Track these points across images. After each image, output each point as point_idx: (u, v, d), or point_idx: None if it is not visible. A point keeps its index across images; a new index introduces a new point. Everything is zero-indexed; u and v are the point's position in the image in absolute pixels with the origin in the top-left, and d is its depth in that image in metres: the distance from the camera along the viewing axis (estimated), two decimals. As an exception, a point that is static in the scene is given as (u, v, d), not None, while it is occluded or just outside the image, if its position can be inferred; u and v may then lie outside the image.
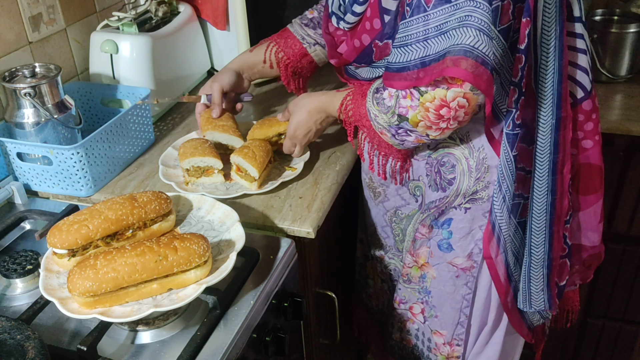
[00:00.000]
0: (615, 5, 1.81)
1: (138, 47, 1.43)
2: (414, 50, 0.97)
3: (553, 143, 1.07)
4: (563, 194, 1.12)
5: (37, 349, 0.79)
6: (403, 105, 1.00)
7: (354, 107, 1.11)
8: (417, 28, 0.95)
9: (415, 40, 0.96)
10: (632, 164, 1.59)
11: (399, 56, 0.99)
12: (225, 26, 1.60)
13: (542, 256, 1.15)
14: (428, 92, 0.97)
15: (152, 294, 0.90)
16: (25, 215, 1.16)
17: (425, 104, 0.98)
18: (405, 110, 1.00)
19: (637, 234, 1.69)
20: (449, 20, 0.92)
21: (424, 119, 1.00)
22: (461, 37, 0.92)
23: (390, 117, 1.03)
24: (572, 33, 1.07)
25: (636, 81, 1.71)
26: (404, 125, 1.02)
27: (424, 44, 0.95)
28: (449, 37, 0.93)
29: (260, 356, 0.99)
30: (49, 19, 1.40)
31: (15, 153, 1.22)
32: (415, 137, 1.04)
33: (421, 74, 0.96)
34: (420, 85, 0.97)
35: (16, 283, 1.03)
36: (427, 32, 0.94)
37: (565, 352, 2.00)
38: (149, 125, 1.39)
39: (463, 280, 1.22)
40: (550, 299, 1.20)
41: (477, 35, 0.91)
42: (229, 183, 1.25)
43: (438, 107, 0.97)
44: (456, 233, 1.19)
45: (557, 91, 1.04)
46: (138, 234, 1.00)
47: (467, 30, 0.91)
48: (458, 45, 0.92)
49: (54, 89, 1.23)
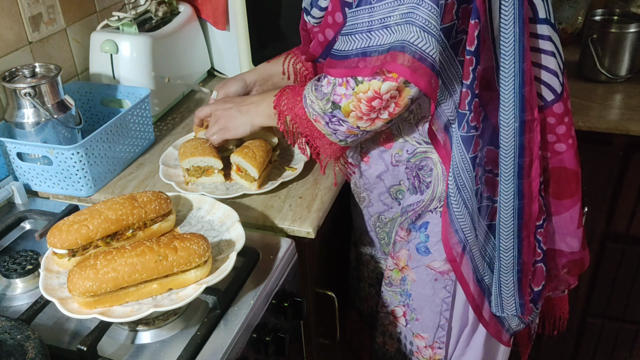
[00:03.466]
0: (615, 5, 1.81)
1: (138, 47, 1.43)
2: (357, 40, 0.97)
3: (518, 146, 1.05)
4: (532, 199, 1.10)
5: (37, 349, 0.79)
6: (338, 92, 1.01)
7: (290, 96, 1.11)
8: (363, 19, 0.96)
9: (360, 30, 0.97)
10: (632, 164, 1.59)
11: (342, 44, 1.00)
12: (225, 26, 1.60)
13: (511, 261, 1.14)
14: (364, 82, 0.97)
15: (152, 294, 0.90)
16: (25, 215, 1.16)
17: (359, 94, 0.98)
18: (339, 98, 1.01)
19: (636, 233, 1.69)
20: (392, 15, 0.93)
21: (356, 109, 1.00)
22: (403, 33, 0.92)
23: (325, 104, 1.03)
24: (537, 34, 1.05)
25: (636, 81, 1.71)
26: (337, 113, 1.02)
27: (367, 35, 0.96)
28: (392, 32, 0.93)
29: (260, 356, 0.99)
30: (49, 19, 1.40)
31: (15, 153, 1.22)
32: (347, 127, 1.04)
33: (361, 63, 0.97)
34: (359, 75, 0.98)
35: (16, 283, 1.03)
36: (371, 24, 0.95)
37: (565, 352, 2.01)
38: (149, 125, 1.39)
39: (442, 283, 1.22)
40: (523, 305, 1.19)
41: (418, 33, 0.91)
42: (229, 183, 1.25)
43: (370, 98, 0.98)
44: (433, 237, 1.18)
45: (520, 94, 1.02)
46: (138, 234, 1.00)
47: (409, 26, 0.92)
48: (399, 41, 0.93)
49: (54, 89, 1.23)
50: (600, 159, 1.61)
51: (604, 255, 1.77)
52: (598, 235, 1.74)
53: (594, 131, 1.54)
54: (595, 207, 1.67)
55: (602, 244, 1.75)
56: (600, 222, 1.71)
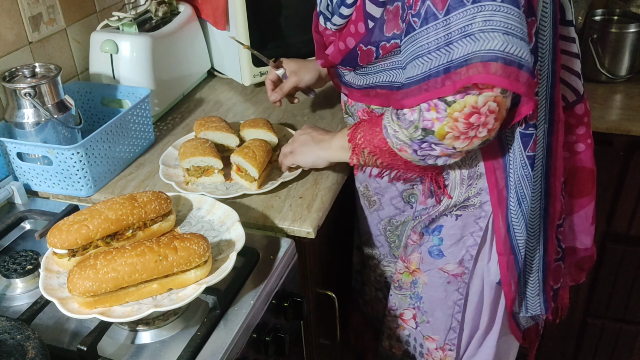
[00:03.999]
0: (615, 5, 1.81)
1: (138, 47, 1.43)
2: (434, 58, 0.90)
3: (546, 147, 1.06)
4: (556, 198, 1.11)
5: (37, 349, 0.79)
6: (427, 118, 0.93)
7: (366, 128, 1.06)
8: (437, 34, 0.88)
9: (436, 47, 0.89)
10: (632, 164, 1.59)
11: (416, 68, 0.92)
12: (225, 26, 1.60)
13: (537, 260, 1.15)
14: (457, 101, 0.89)
15: (152, 294, 0.90)
16: (25, 215, 1.16)
17: (454, 114, 0.90)
18: (431, 124, 0.92)
19: (637, 234, 1.69)
20: (472, 23, 0.86)
21: (452, 129, 0.92)
22: (487, 42, 0.86)
23: (413, 132, 0.95)
24: (565, 37, 1.05)
25: (636, 81, 1.71)
26: (429, 139, 0.95)
27: (446, 50, 0.88)
28: (475, 40, 0.86)
29: (260, 356, 0.99)
30: (49, 19, 1.40)
31: (15, 153, 1.22)
32: (441, 150, 0.96)
33: (447, 82, 0.89)
34: (446, 95, 0.90)
35: (16, 283, 1.03)
36: (449, 37, 0.88)
37: (565, 352, 2.00)
38: (149, 125, 1.39)
39: (454, 286, 1.21)
40: (546, 303, 1.20)
41: (504, 38, 0.85)
42: (229, 183, 1.25)
43: (468, 115, 0.90)
44: (447, 240, 1.17)
45: (550, 95, 1.02)
46: (138, 234, 1.00)
47: (491, 33, 0.85)
48: (484, 50, 0.86)
49: (54, 89, 1.23)
50: (601, 159, 1.60)
51: (605, 256, 1.77)
52: (598, 236, 1.74)
53: (595, 131, 1.52)
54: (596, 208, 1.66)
55: (602, 245, 1.75)
56: (600, 223, 1.71)
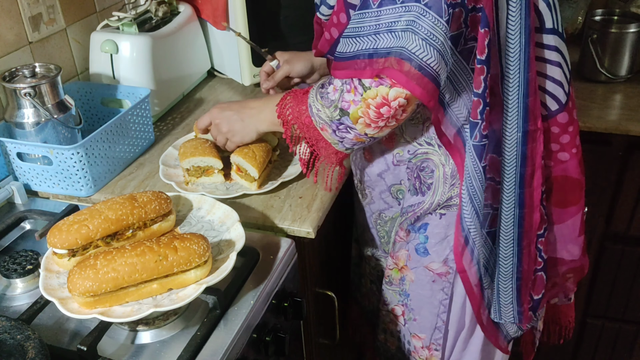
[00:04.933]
0: (615, 5, 1.81)
1: (138, 47, 1.43)
2: (364, 42, 0.96)
3: (520, 156, 1.05)
4: (533, 208, 1.10)
5: (37, 349, 0.79)
6: (346, 99, 1.00)
7: (294, 105, 1.09)
8: (370, 22, 0.95)
9: (367, 33, 0.96)
10: (631, 164, 1.59)
11: (347, 46, 0.99)
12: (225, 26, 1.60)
13: (510, 269, 1.14)
14: (371, 88, 0.96)
15: (152, 294, 0.90)
16: (25, 215, 1.16)
17: (368, 99, 0.97)
18: (348, 105, 1.00)
19: (636, 234, 1.69)
20: (398, 21, 0.92)
21: (364, 115, 0.99)
22: (405, 40, 0.92)
23: (333, 111, 1.02)
24: (543, 44, 1.04)
25: (636, 81, 1.71)
26: (345, 120, 1.01)
27: (374, 38, 0.95)
28: (396, 37, 0.93)
29: (260, 356, 0.99)
30: (49, 19, 1.40)
31: (15, 153, 1.22)
32: (354, 134, 1.03)
33: (368, 67, 0.96)
34: (363, 77, 0.97)
35: (16, 283, 1.03)
36: (378, 27, 0.94)
37: (565, 352, 2.01)
38: (149, 125, 1.39)
39: (439, 285, 1.21)
40: (521, 313, 1.19)
41: (419, 43, 0.91)
42: (229, 183, 1.25)
43: (379, 104, 0.97)
44: (432, 238, 1.18)
45: (524, 104, 1.02)
46: (138, 234, 1.00)
47: (412, 35, 0.91)
48: (401, 47, 0.92)
49: (54, 89, 1.23)
50: (599, 160, 1.61)
51: (604, 256, 1.77)
52: (598, 236, 1.74)
53: (594, 131, 1.54)
54: (595, 208, 1.66)
55: (601, 245, 1.75)
56: (599, 223, 1.71)
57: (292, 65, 1.32)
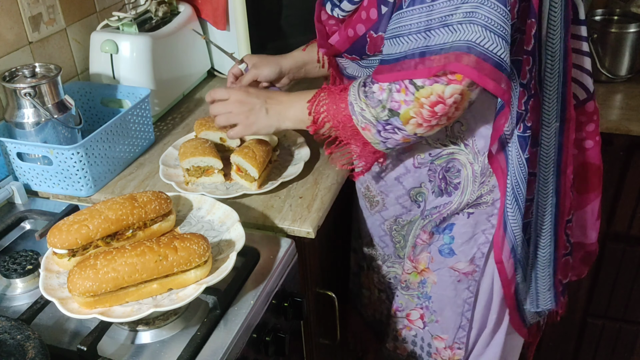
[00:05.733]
0: (615, 5, 1.81)
1: (138, 47, 1.43)
2: (412, 41, 0.92)
3: (557, 145, 1.06)
4: (566, 195, 1.12)
5: (37, 349, 0.79)
6: (396, 99, 0.95)
7: (330, 102, 1.04)
8: (420, 18, 0.91)
9: (416, 30, 0.91)
10: (632, 164, 1.59)
11: (393, 47, 0.95)
12: (225, 26, 1.60)
13: (548, 256, 1.15)
14: (425, 87, 0.92)
15: (152, 294, 0.90)
16: (25, 215, 1.16)
17: (421, 99, 0.93)
18: (398, 105, 0.95)
19: (637, 233, 1.69)
20: (454, 14, 0.88)
21: (417, 115, 0.95)
22: (466, 33, 0.88)
23: (380, 112, 0.97)
24: (577, 36, 1.06)
25: (636, 81, 1.70)
26: (394, 121, 0.97)
27: (425, 35, 0.91)
28: (454, 31, 0.89)
29: (260, 356, 0.99)
30: (49, 19, 1.40)
31: (15, 153, 1.22)
32: (402, 135, 0.99)
33: (420, 65, 0.92)
34: (416, 78, 0.92)
35: (16, 283, 1.03)
36: (429, 23, 0.90)
37: (565, 352, 2.00)
38: (149, 125, 1.39)
39: (465, 284, 1.21)
40: (557, 297, 1.21)
41: (482, 32, 0.87)
42: (229, 183, 1.25)
43: (434, 103, 0.93)
44: (458, 238, 1.17)
45: (562, 94, 1.03)
46: (138, 234, 1.00)
47: (473, 26, 0.87)
48: (462, 41, 0.88)
49: (54, 89, 1.23)
50: (600, 159, 1.61)
51: (605, 256, 1.77)
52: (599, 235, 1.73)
53: (594, 131, 1.54)
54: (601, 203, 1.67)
55: (602, 244, 1.75)
56: (601, 222, 1.71)
57: (260, 70, 1.27)
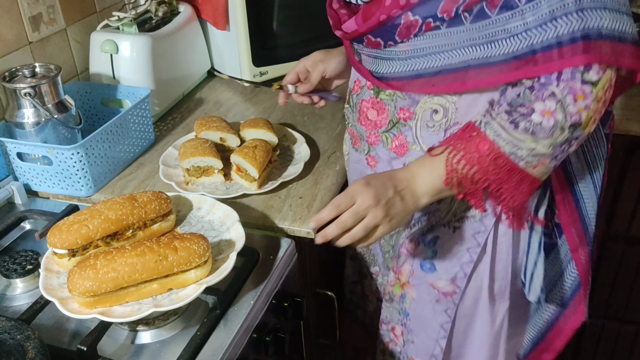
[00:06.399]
0: (615, 6, 1.81)
1: (138, 47, 1.43)
2: (562, 24, 0.80)
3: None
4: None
5: (37, 349, 0.79)
6: (573, 111, 0.82)
7: (466, 153, 0.89)
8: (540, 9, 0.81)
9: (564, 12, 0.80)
10: (632, 164, 1.59)
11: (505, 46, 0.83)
12: (225, 26, 1.60)
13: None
14: (600, 78, 0.80)
15: (152, 294, 0.90)
16: (25, 215, 1.16)
17: (598, 94, 0.81)
18: (578, 116, 0.82)
19: (637, 233, 1.69)
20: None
21: (595, 113, 0.83)
22: (595, 19, 0.79)
23: (559, 135, 0.83)
24: None
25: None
26: (575, 134, 0.84)
27: (580, 15, 0.80)
28: (583, 18, 0.80)
29: (260, 356, 0.99)
30: (49, 19, 1.40)
31: (15, 153, 1.22)
32: (577, 143, 0.86)
33: (579, 49, 0.80)
34: (578, 65, 0.80)
35: (16, 283, 1.03)
36: (580, 3, 0.80)
37: (565, 352, 2.00)
38: (149, 125, 1.39)
39: (443, 305, 1.12)
40: None
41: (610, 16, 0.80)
42: (229, 183, 1.25)
43: (606, 90, 0.82)
44: (441, 253, 1.09)
45: None
46: (138, 234, 1.00)
47: (602, 12, 0.79)
48: (593, 28, 0.79)
49: (54, 89, 1.23)
50: (600, 159, 1.61)
51: (604, 256, 1.77)
52: (598, 236, 1.73)
53: (594, 131, 1.54)
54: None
55: (602, 244, 1.75)
56: (600, 223, 1.71)
57: (327, 64, 1.19)
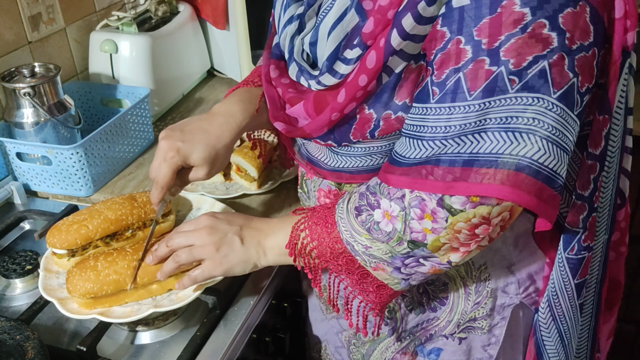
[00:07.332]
0: (615, 5, 1.81)
1: (138, 47, 1.43)
2: (451, 145, 0.68)
3: (602, 261, 0.89)
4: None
5: (37, 349, 0.79)
6: (417, 229, 0.72)
7: (311, 225, 0.80)
8: (466, 119, 0.67)
9: (459, 132, 0.67)
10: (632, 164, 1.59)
11: (417, 150, 0.70)
12: (225, 26, 1.60)
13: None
14: (466, 210, 0.68)
15: (152, 294, 0.90)
16: (25, 215, 1.16)
17: (457, 224, 0.70)
18: (422, 236, 0.72)
19: (637, 233, 1.69)
20: (518, 117, 0.65)
21: (451, 241, 0.72)
22: (524, 147, 0.66)
23: (395, 246, 0.74)
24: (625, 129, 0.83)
25: (636, 81, 1.70)
26: (418, 252, 0.73)
27: (472, 138, 0.67)
28: (517, 141, 0.66)
29: (260, 356, 0.99)
30: (48, 18, 1.40)
31: (14, 153, 1.22)
32: (431, 265, 0.75)
33: (461, 180, 0.67)
34: (452, 194, 0.68)
35: (16, 283, 1.03)
36: (483, 124, 0.66)
37: (565, 352, 2.00)
38: (148, 125, 1.39)
39: None
40: None
41: (545, 147, 0.66)
42: (229, 183, 1.25)
43: (475, 225, 0.70)
44: None
45: (613, 200, 0.84)
46: (138, 234, 0.99)
47: (533, 137, 0.65)
48: (525, 157, 0.66)
49: (54, 89, 1.23)
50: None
51: (604, 256, 1.77)
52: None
53: (594, 131, 1.54)
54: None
55: (602, 244, 1.75)
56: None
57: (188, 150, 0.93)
